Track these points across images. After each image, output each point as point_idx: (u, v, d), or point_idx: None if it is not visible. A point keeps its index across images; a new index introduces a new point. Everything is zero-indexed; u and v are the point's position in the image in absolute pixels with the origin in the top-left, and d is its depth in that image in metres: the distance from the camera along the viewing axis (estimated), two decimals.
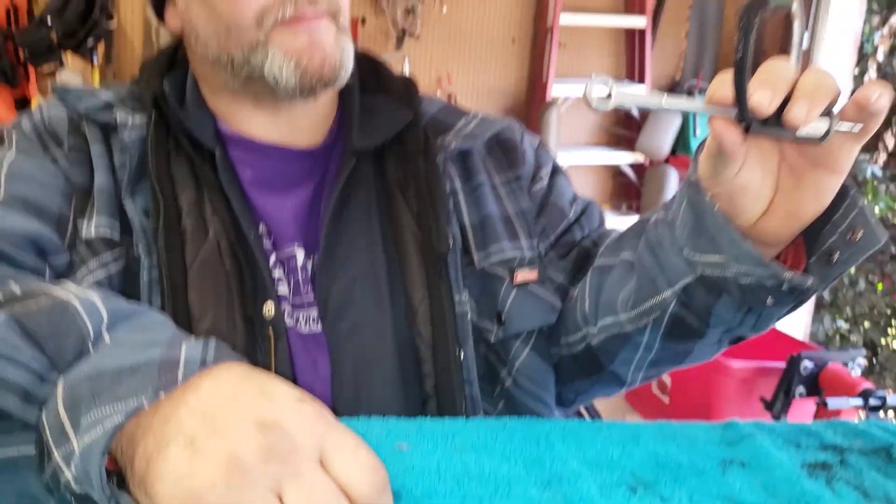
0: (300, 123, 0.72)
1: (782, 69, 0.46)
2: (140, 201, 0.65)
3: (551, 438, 0.54)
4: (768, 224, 0.52)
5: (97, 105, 0.69)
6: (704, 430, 0.58)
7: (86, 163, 0.67)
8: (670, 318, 0.60)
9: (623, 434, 0.56)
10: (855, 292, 3.52)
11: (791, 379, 1.67)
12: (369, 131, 0.72)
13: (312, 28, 0.65)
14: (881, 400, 1.53)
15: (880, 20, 3.48)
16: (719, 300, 0.56)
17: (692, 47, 3.08)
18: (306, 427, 0.37)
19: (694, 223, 0.54)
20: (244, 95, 0.70)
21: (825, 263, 0.52)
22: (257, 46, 0.65)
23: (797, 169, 0.50)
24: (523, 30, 2.86)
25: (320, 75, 0.66)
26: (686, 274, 0.57)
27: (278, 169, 0.71)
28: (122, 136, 0.67)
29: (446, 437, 0.52)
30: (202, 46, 0.69)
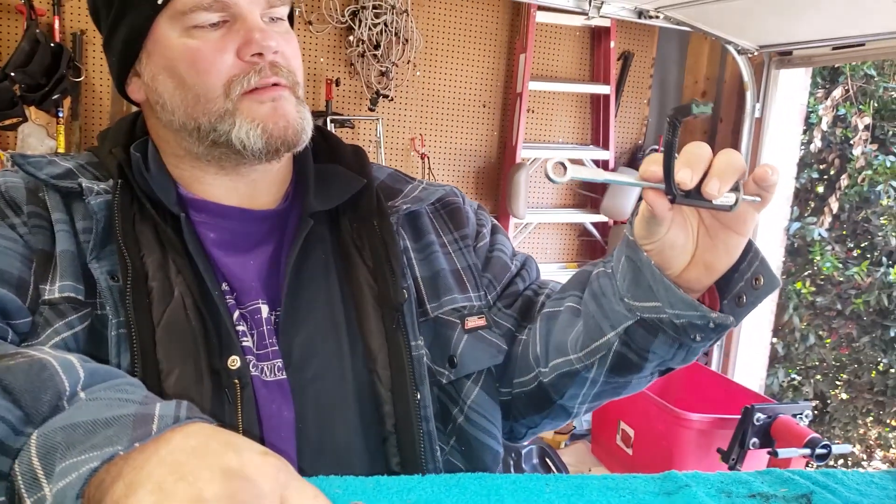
0: (259, 186, 0.77)
1: (701, 152, 0.57)
2: (105, 264, 0.67)
3: (501, 492, 0.58)
4: (690, 274, 0.63)
5: (59, 172, 0.71)
6: (644, 480, 0.64)
7: (46, 229, 0.68)
8: (614, 356, 0.69)
9: (568, 486, 0.60)
10: (805, 346, 3.65)
11: (745, 430, 1.74)
12: (325, 195, 0.77)
13: (275, 97, 0.71)
14: (827, 448, 1.62)
15: (824, 93, 3.72)
16: (656, 339, 0.66)
17: (654, 114, 3.26)
18: (270, 476, 0.40)
19: (633, 276, 0.64)
20: (207, 160, 0.74)
21: (735, 305, 0.64)
22: (225, 115, 0.70)
23: (712, 230, 0.61)
24: (494, 95, 2.98)
25: (284, 139, 0.71)
26: (627, 318, 0.66)
27: (239, 230, 0.75)
28: (88, 202, 0.68)
29: (401, 493, 0.55)
30: (168, 114, 0.73)
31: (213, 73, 0.69)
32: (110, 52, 0.76)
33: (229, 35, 0.70)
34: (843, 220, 3.77)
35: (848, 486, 0.67)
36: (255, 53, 0.70)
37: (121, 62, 0.74)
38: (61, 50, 2.22)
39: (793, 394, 3.71)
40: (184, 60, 0.70)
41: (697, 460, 2.08)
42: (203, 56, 0.69)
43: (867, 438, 3.87)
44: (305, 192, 0.77)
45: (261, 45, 0.70)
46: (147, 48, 0.72)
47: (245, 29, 0.70)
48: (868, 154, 3.59)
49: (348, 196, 0.78)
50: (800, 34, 2.56)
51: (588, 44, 3.09)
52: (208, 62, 0.69)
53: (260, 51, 0.70)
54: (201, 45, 0.69)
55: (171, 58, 0.70)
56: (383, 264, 0.75)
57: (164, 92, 0.72)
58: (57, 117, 2.27)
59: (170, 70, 0.71)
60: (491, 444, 0.77)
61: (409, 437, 0.71)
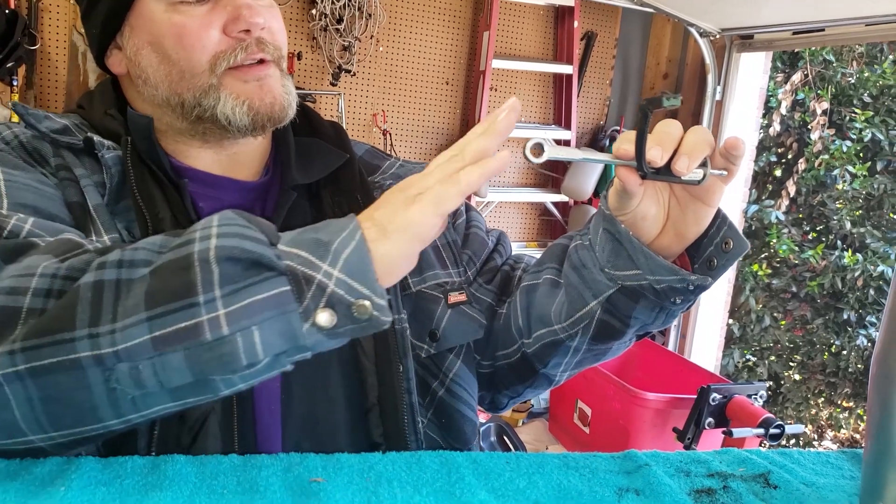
0: (240, 159, 0.77)
1: (671, 130, 0.60)
2: (121, 220, 0.67)
3: (462, 470, 0.57)
4: (662, 242, 0.66)
5: (56, 128, 0.70)
6: (604, 459, 0.63)
7: (73, 182, 0.67)
8: (597, 323, 0.72)
9: (530, 465, 0.60)
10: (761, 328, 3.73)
11: (701, 410, 1.76)
12: (306, 168, 0.77)
13: (261, 74, 0.71)
14: (780, 428, 1.64)
15: (783, 78, 3.77)
16: (637, 304, 0.69)
17: (616, 95, 3.26)
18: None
19: (612, 247, 0.67)
20: (191, 135, 0.74)
21: (707, 268, 0.67)
22: (209, 90, 0.70)
23: (682, 202, 0.65)
24: (457, 72, 2.95)
25: (270, 114, 0.71)
26: (609, 287, 0.69)
27: (228, 200, 0.75)
28: (103, 156, 0.68)
29: (362, 471, 0.55)
30: (151, 89, 0.72)
31: (199, 49, 0.69)
32: (90, 25, 0.75)
33: (215, 10, 0.70)
34: (800, 203, 3.86)
35: (804, 466, 0.67)
36: (243, 30, 0.70)
37: (102, 35, 0.74)
38: (16, 17, 2.18)
39: (747, 374, 3.80)
40: (169, 36, 0.69)
41: (653, 439, 2.10)
42: (189, 32, 0.69)
43: (818, 419, 4.00)
44: (286, 165, 0.78)
45: (248, 22, 0.69)
46: (130, 22, 0.72)
47: (232, 5, 0.70)
48: (825, 139, 3.66)
49: (331, 170, 0.78)
50: (761, 18, 2.58)
51: (552, 23, 3.07)
52: (194, 38, 0.69)
53: (247, 27, 0.70)
54: (187, 21, 0.69)
55: (155, 33, 0.70)
56: None
57: (148, 66, 0.71)
58: (11, 86, 2.22)
59: (154, 45, 0.70)
60: (470, 416, 0.79)
61: (392, 409, 0.71)
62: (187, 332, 0.46)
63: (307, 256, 0.48)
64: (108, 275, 0.47)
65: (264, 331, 0.47)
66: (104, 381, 0.46)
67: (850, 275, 3.48)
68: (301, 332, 0.48)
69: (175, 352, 0.46)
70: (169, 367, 0.46)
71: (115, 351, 0.45)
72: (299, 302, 0.47)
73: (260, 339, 0.47)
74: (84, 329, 0.46)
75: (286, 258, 0.48)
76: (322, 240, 0.49)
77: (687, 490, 0.58)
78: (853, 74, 3.72)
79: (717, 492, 0.59)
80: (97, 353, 0.45)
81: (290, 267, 0.48)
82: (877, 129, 3.61)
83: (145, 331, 0.46)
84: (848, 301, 3.55)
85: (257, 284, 0.47)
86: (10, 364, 0.46)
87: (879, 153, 3.67)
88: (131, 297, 0.46)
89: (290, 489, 0.51)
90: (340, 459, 0.56)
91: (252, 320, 0.46)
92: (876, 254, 3.50)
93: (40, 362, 0.46)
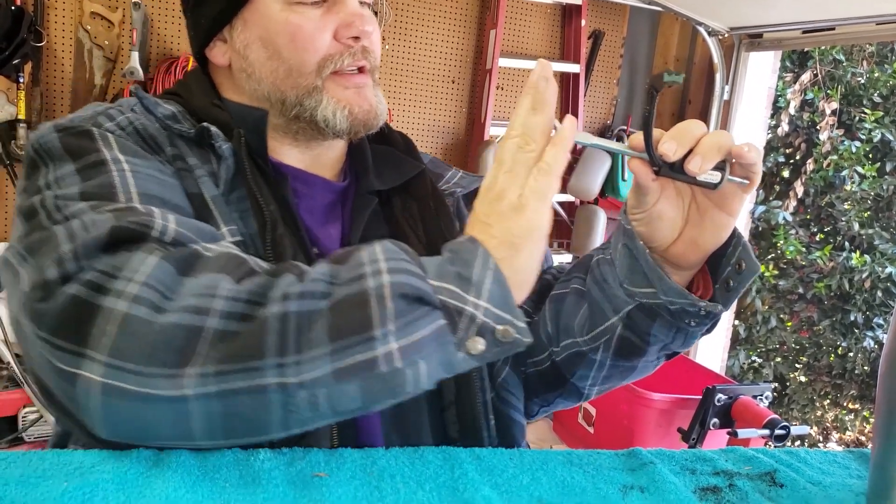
0: (323, 161, 0.80)
1: (692, 128, 0.58)
2: (234, 210, 0.69)
3: (465, 466, 0.57)
4: (677, 249, 0.65)
5: (168, 114, 0.72)
6: (609, 457, 0.62)
7: (188, 171, 0.68)
8: (618, 339, 0.72)
9: (533, 461, 0.59)
10: (767, 329, 3.71)
11: (706, 410, 1.75)
12: (381, 175, 0.81)
13: (359, 82, 0.75)
14: (785, 429, 1.63)
15: (792, 77, 3.75)
16: (655, 323, 0.69)
17: (623, 94, 3.24)
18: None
19: (629, 263, 0.67)
20: (284, 132, 0.77)
21: (725, 290, 0.66)
22: (313, 91, 0.73)
23: (702, 207, 0.64)
24: (463, 71, 2.94)
25: (366, 121, 0.75)
26: (628, 303, 0.69)
27: (318, 199, 0.78)
28: (220, 146, 0.70)
29: (364, 466, 0.54)
30: (254, 83, 0.75)
31: (311, 50, 0.72)
32: (199, 15, 0.77)
33: (329, 15, 0.73)
34: (808, 204, 3.83)
35: (811, 465, 0.67)
36: (353, 37, 0.73)
37: (212, 26, 0.76)
38: (22, 13, 2.16)
39: (753, 375, 3.78)
40: (284, 34, 0.72)
41: (658, 439, 2.09)
42: (304, 32, 0.72)
43: (824, 421, 3.97)
44: (364, 171, 0.81)
45: (359, 30, 0.73)
46: (244, 16, 0.74)
47: (346, 12, 0.73)
48: (834, 139, 3.64)
49: (406, 178, 0.81)
50: (770, 17, 2.56)
51: (559, 21, 3.06)
52: (307, 39, 0.72)
53: (357, 34, 0.73)
54: (303, 22, 0.72)
55: (269, 29, 0.72)
56: (438, 243, 0.79)
57: (255, 61, 0.74)
58: (17, 83, 2.21)
59: (265, 41, 0.73)
60: (519, 420, 0.80)
61: (468, 407, 0.72)
62: (365, 364, 0.49)
63: (456, 290, 0.52)
64: (291, 306, 0.50)
65: (429, 362, 0.51)
66: (283, 404, 0.49)
67: (857, 276, 3.46)
68: (457, 360, 0.52)
69: (351, 382, 0.49)
70: (344, 396, 0.50)
71: (300, 381, 0.49)
72: (454, 334, 0.51)
73: (425, 370, 0.51)
74: (272, 359, 0.49)
75: (438, 292, 0.52)
76: (462, 274, 0.53)
77: (692, 488, 0.58)
78: (863, 74, 3.69)
79: (723, 490, 0.58)
80: (282, 381, 0.49)
81: (444, 301, 0.51)
82: (886, 129, 3.59)
83: (327, 363, 0.49)
84: (855, 303, 3.53)
85: (421, 319, 0.51)
86: (202, 385, 0.48)
87: (889, 154, 3.64)
88: (314, 330, 0.49)
89: (293, 483, 0.51)
90: (343, 454, 0.56)
91: (420, 354, 0.50)
92: (884, 255, 3.48)
93: (229, 385, 0.48)
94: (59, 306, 0.51)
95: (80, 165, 0.61)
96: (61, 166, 0.61)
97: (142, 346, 0.49)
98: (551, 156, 0.55)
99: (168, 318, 0.50)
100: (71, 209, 0.57)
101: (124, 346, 0.49)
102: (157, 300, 0.50)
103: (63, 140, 0.63)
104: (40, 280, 0.52)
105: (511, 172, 0.55)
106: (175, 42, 2.46)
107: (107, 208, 0.56)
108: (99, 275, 0.51)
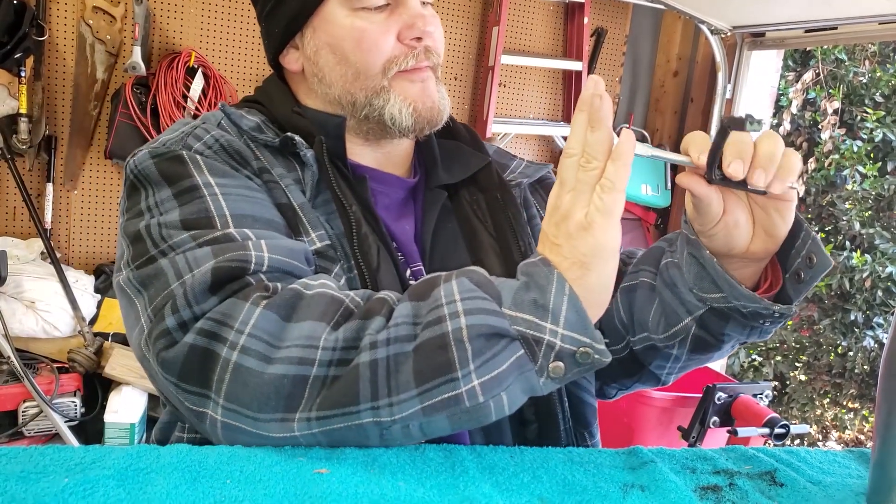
0: (393, 158, 0.83)
1: (747, 142, 0.60)
2: (321, 214, 0.72)
3: (466, 464, 0.57)
4: (756, 246, 0.67)
5: (252, 125, 0.75)
6: (610, 455, 0.63)
7: (275, 182, 0.72)
8: (693, 338, 0.74)
9: (534, 459, 0.59)
10: None
11: (706, 409, 1.75)
12: (449, 169, 0.84)
13: (424, 77, 0.78)
14: (785, 428, 1.63)
15: (794, 76, 3.75)
16: (728, 324, 0.70)
17: (625, 92, 3.24)
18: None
19: (697, 271, 0.69)
20: (355, 133, 0.80)
21: (796, 281, 0.67)
22: (380, 91, 0.76)
23: (761, 201, 0.65)
24: (466, 67, 2.94)
25: (430, 118, 0.78)
26: (700, 307, 0.71)
27: (394, 196, 0.81)
28: (305, 154, 0.73)
29: (366, 463, 0.54)
30: (325, 87, 0.79)
31: (376, 53, 0.75)
32: (273, 23, 0.80)
33: (392, 18, 0.76)
34: (809, 203, 3.82)
35: (811, 465, 0.67)
36: (415, 38, 0.76)
37: (284, 34, 0.79)
38: (24, 7, 2.15)
39: (753, 374, 3.78)
40: (350, 39, 0.75)
41: (658, 437, 2.09)
42: (369, 36, 0.75)
43: (823, 419, 3.97)
44: (433, 166, 0.84)
45: (421, 31, 0.76)
46: (313, 24, 0.78)
47: (408, 14, 0.76)
48: (836, 138, 3.63)
49: (473, 171, 0.84)
50: (773, 15, 2.55)
51: (561, 19, 3.05)
52: (372, 42, 0.75)
53: (420, 35, 0.76)
54: (367, 27, 0.75)
55: (337, 35, 0.76)
56: (507, 234, 0.80)
57: (325, 66, 0.77)
58: (19, 77, 2.20)
59: (333, 46, 0.76)
60: (590, 401, 0.83)
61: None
62: (450, 400, 0.54)
63: (532, 320, 0.55)
64: (380, 353, 0.55)
65: (510, 393, 0.55)
66: (380, 435, 0.56)
67: (858, 276, 3.45)
68: (538, 385, 0.56)
69: (439, 415, 0.54)
70: (433, 426, 0.55)
71: (392, 419, 0.55)
72: (534, 362, 0.55)
73: (507, 400, 0.55)
74: (367, 403, 0.54)
75: (515, 323, 0.55)
76: (538, 301, 0.55)
77: (693, 487, 0.58)
78: (865, 74, 3.68)
79: (724, 489, 0.58)
80: (377, 420, 0.55)
81: (521, 332, 0.55)
82: (888, 129, 3.58)
83: (416, 403, 0.54)
84: (855, 302, 3.53)
85: (500, 354, 0.55)
86: (307, 428, 0.55)
87: (890, 153, 3.63)
88: (402, 374, 0.54)
89: (293, 480, 0.51)
90: (345, 452, 0.56)
91: (501, 387, 0.54)
92: (885, 255, 3.48)
93: (331, 427, 0.55)
94: (182, 356, 0.58)
95: (176, 190, 0.67)
96: (159, 191, 0.68)
97: (253, 394, 0.56)
98: (613, 172, 0.56)
99: (275, 370, 0.56)
100: (174, 240, 0.64)
101: (239, 393, 0.56)
102: (265, 350, 0.57)
103: (158, 166, 0.69)
104: (162, 328, 0.59)
105: (575, 192, 0.57)
106: (177, 37, 2.46)
107: (206, 239, 0.63)
108: (212, 323, 0.58)
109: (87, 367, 2.09)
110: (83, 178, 2.42)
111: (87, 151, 2.41)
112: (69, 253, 2.43)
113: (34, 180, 2.34)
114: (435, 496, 0.51)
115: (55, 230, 2.38)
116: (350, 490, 0.50)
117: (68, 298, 2.13)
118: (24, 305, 2.06)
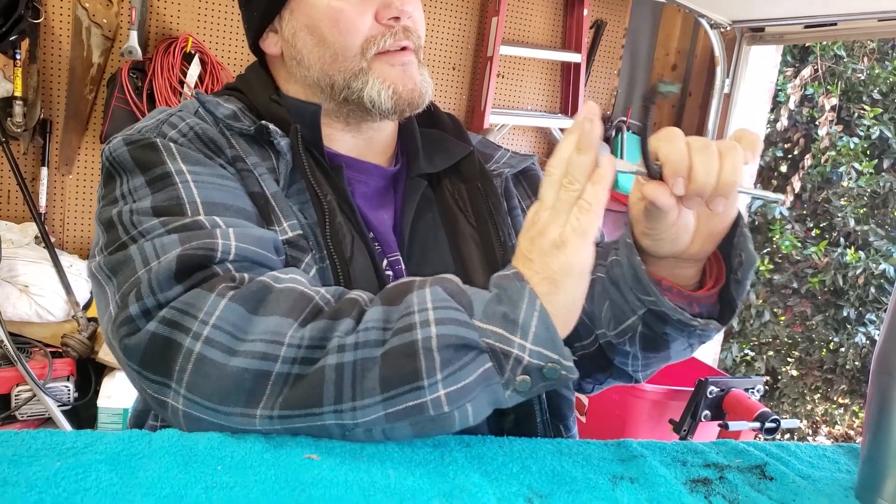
0: (375, 146, 0.82)
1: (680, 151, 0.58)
2: (294, 203, 0.71)
3: (455, 453, 0.57)
4: (695, 246, 0.65)
5: (228, 113, 0.75)
6: (599, 447, 0.63)
7: (249, 171, 0.71)
8: (641, 336, 0.73)
9: (523, 450, 0.60)
10: (760, 323, 3.73)
11: (698, 402, 1.76)
12: (431, 158, 0.83)
13: (404, 60, 0.76)
14: (776, 422, 1.64)
15: (793, 72, 3.74)
16: (667, 325, 0.70)
17: (623, 85, 3.23)
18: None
19: (632, 274, 0.68)
20: (335, 116, 0.79)
21: (737, 283, 0.66)
22: (359, 73, 0.75)
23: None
24: (464, 58, 2.93)
25: (410, 100, 0.77)
26: (640, 307, 0.70)
27: (372, 185, 0.80)
28: (279, 143, 0.72)
29: (354, 451, 0.55)
30: (304, 70, 0.78)
31: (353, 33, 0.74)
32: (252, 7, 0.80)
33: None
34: (805, 199, 3.83)
35: (801, 459, 0.67)
36: (393, 17, 0.75)
37: (263, 17, 0.79)
38: None
39: (745, 369, 3.80)
40: (327, 19, 0.75)
41: (650, 430, 2.10)
42: (346, 16, 0.74)
43: (814, 414, 4.00)
44: (414, 154, 0.83)
45: (399, 10, 0.75)
46: (290, 6, 0.77)
47: None
48: (833, 135, 3.64)
49: (455, 160, 0.83)
50: (773, 11, 2.55)
51: (561, 10, 3.04)
52: (350, 22, 0.74)
53: (397, 14, 0.75)
54: (344, 7, 0.74)
55: (314, 16, 0.75)
56: (488, 224, 0.80)
57: (303, 48, 0.77)
58: (14, 59, 2.19)
59: (311, 28, 0.76)
60: (567, 395, 0.83)
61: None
62: (414, 409, 0.54)
63: (502, 333, 0.55)
64: (347, 357, 0.55)
65: (475, 404, 0.55)
66: (341, 434, 0.56)
67: (851, 272, 3.47)
68: (504, 397, 0.56)
69: (402, 422, 0.54)
70: (396, 431, 0.55)
71: (355, 423, 0.54)
72: (501, 374, 0.55)
73: (472, 411, 0.55)
74: (330, 406, 0.54)
75: (484, 335, 0.55)
76: (509, 315, 0.55)
77: (683, 480, 0.58)
78: (863, 70, 3.68)
79: (713, 482, 0.59)
80: (340, 422, 0.55)
81: (490, 344, 0.55)
82: (885, 126, 3.58)
83: (380, 409, 0.54)
84: (848, 298, 3.54)
85: (468, 365, 0.54)
86: (269, 425, 0.56)
87: (886, 151, 3.64)
88: (368, 380, 0.54)
89: (283, 465, 0.51)
90: (332, 440, 0.56)
91: (467, 398, 0.54)
92: (878, 252, 3.49)
93: (293, 425, 0.55)
94: (144, 343, 0.58)
95: (149, 178, 0.67)
96: (133, 178, 0.67)
97: (215, 387, 0.55)
98: (592, 194, 0.56)
99: (238, 363, 0.55)
100: (144, 226, 0.63)
101: (201, 384, 0.56)
102: (228, 342, 0.56)
103: (132, 153, 0.68)
104: (125, 315, 0.59)
105: (553, 210, 0.57)
106: (174, 22, 2.44)
107: (174, 226, 0.62)
108: (175, 312, 0.58)
109: (80, 351, 2.09)
110: (78, 163, 2.40)
111: (83, 136, 2.39)
112: (63, 237, 2.42)
113: (29, 164, 2.33)
114: (425, 484, 0.51)
115: (49, 214, 2.37)
116: (340, 477, 0.50)
117: (62, 283, 2.12)
118: (17, 289, 2.05)
